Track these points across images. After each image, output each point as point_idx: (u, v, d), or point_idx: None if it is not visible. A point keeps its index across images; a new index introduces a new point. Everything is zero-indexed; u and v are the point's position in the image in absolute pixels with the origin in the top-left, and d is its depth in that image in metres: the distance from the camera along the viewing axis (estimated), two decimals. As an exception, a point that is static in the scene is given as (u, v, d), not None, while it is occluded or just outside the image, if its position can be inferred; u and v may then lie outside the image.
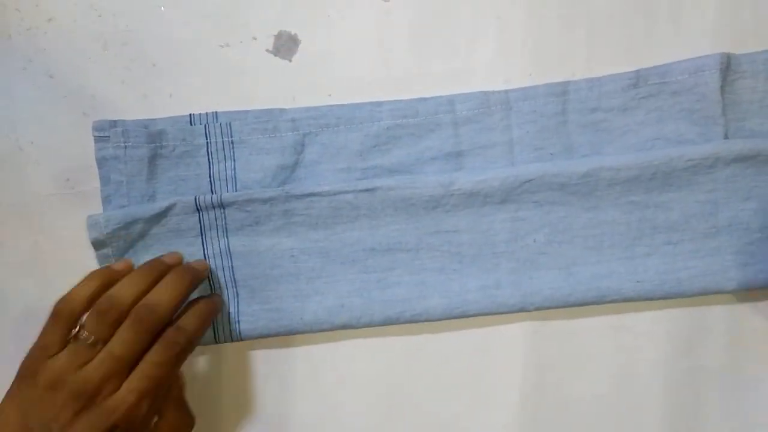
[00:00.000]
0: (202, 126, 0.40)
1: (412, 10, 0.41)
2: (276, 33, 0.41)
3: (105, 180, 0.40)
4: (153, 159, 0.40)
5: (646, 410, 0.42)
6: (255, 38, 0.41)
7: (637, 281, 0.40)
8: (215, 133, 0.40)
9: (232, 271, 0.41)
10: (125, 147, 0.40)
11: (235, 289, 0.41)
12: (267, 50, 0.41)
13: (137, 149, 0.40)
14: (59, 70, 0.41)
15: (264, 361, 0.42)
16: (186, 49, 0.41)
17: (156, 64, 0.41)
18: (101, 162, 0.40)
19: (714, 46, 0.40)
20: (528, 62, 0.41)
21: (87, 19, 0.41)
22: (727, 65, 0.39)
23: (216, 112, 0.40)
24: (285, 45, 0.41)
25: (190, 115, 0.40)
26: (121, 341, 0.33)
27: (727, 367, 0.41)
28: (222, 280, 0.41)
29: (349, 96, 0.41)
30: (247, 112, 0.40)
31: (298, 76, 0.41)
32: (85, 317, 0.34)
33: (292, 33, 0.41)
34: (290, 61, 0.42)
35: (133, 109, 0.41)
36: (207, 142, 0.40)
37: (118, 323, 0.34)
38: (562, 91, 0.40)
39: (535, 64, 0.41)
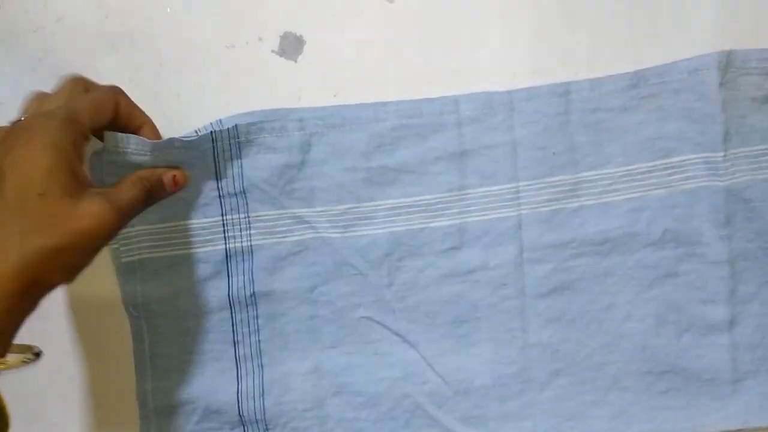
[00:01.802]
0: (209, 133, 0.40)
1: (417, 10, 0.42)
2: (282, 34, 0.42)
3: (98, 181, 0.38)
4: (154, 161, 0.38)
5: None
6: (261, 39, 0.42)
7: None
8: (222, 136, 0.40)
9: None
10: (125, 153, 0.37)
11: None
12: (273, 51, 0.42)
13: (139, 156, 0.38)
14: (68, 71, 0.41)
15: None
16: (193, 49, 0.42)
17: (163, 64, 0.42)
18: (93, 166, 0.38)
19: (716, 44, 0.41)
20: (532, 61, 0.42)
21: (95, 20, 0.41)
22: (726, 63, 0.40)
23: (220, 119, 0.41)
24: (291, 46, 0.42)
25: (196, 131, 0.41)
26: None
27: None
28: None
29: (355, 97, 0.41)
30: (253, 112, 0.41)
31: (304, 77, 0.42)
32: None
33: (298, 34, 0.42)
34: (296, 61, 0.42)
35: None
36: (213, 146, 0.40)
37: None
38: (564, 91, 0.41)
39: (539, 62, 0.42)
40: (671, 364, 0.42)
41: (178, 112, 0.41)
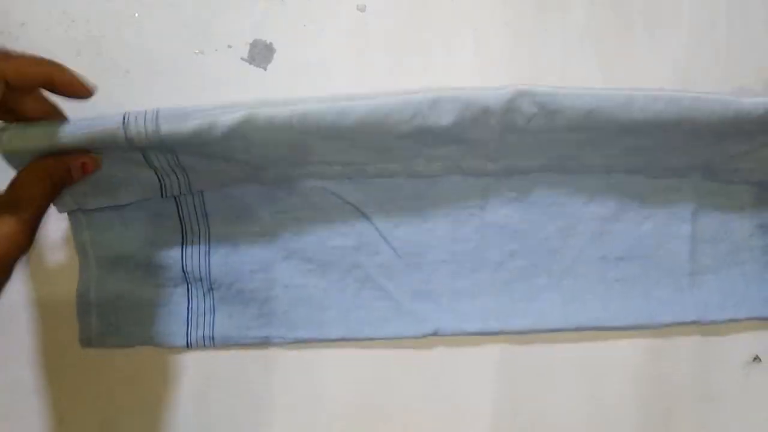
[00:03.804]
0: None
1: (389, 20, 0.41)
2: (251, 41, 0.41)
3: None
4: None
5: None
6: (230, 46, 0.41)
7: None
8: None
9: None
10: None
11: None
12: (242, 58, 0.41)
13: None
14: (31, 76, 0.41)
15: (235, 369, 0.42)
16: (160, 56, 0.41)
17: (129, 71, 0.41)
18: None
19: (689, 59, 0.40)
20: (504, 74, 0.41)
21: (60, 26, 0.41)
22: None
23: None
24: (260, 53, 0.41)
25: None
26: None
27: (696, 384, 0.42)
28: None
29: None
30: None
31: (273, 85, 0.41)
32: None
33: (268, 42, 0.41)
34: (265, 69, 0.41)
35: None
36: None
37: None
38: None
39: (511, 75, 0.41)
40: (629, 250, 0.41)
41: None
